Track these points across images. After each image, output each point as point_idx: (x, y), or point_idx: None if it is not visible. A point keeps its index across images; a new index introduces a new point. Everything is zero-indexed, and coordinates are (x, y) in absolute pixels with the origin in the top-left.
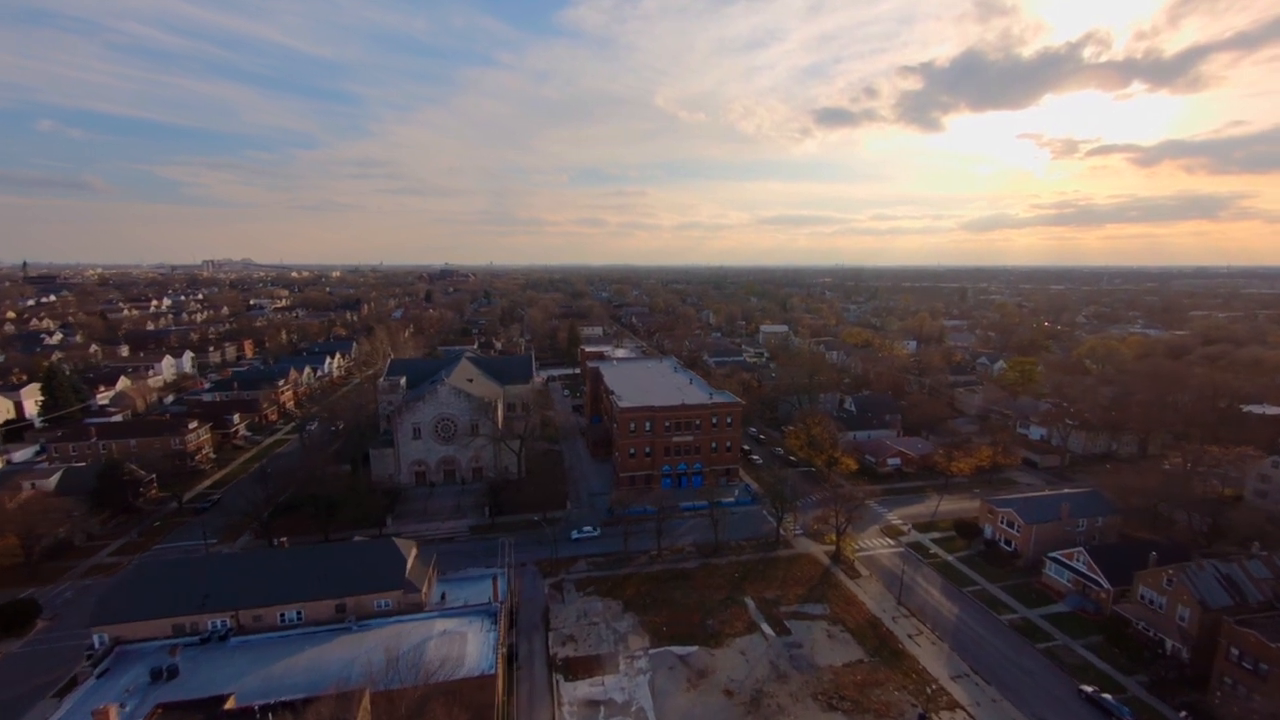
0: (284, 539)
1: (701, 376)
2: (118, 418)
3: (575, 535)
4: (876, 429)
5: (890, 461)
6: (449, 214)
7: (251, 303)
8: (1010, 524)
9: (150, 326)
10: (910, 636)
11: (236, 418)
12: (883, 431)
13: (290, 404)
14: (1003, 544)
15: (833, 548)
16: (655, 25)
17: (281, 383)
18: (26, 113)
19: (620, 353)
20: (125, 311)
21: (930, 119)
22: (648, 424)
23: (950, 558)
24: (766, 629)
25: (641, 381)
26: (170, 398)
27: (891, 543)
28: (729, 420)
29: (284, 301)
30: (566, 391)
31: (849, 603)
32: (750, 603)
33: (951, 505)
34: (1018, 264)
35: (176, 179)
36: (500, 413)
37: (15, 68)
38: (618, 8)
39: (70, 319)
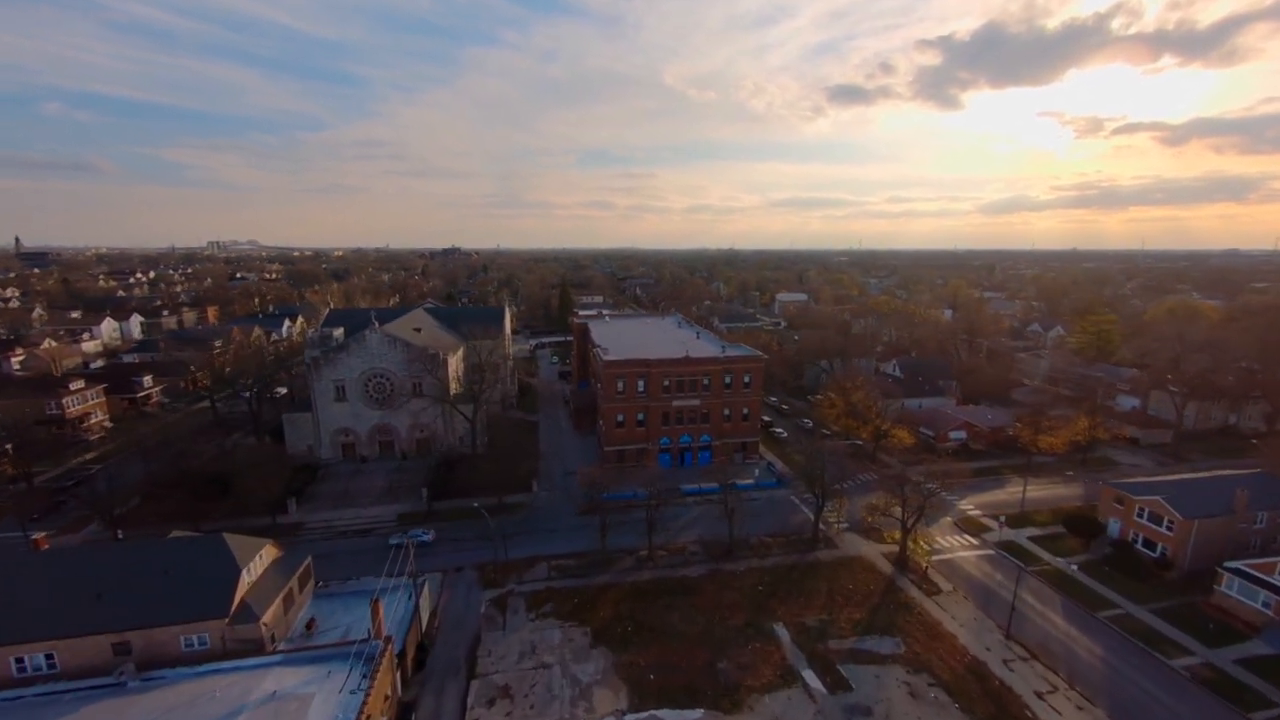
0: (40, 535)
1: None
2: None
3: (394, 541)
4: (929, 397)
5: (953, 435)
6: (456, 197)
7: (237, 275)
8: (1154, 518)
9: (121, 295)
10: (1040, 696)
11: (148, 380)
12: (937, 400)
13: (228, 369)
14: (1141, 546)
15: (895, 548)
16: (663, 2)
17: (219, 344)
18: (31, 96)
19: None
20: (101, 282)
21: (948, 96)
22: (640, 383)
23: (1068, 566)
24: (811, 679)
25: (638, 337)
26: (100, 362)
27: (973, 542)
28: (747, 379)
29: (274, 275)
30: (555, 359)
31: (933, 635)
32: (783, 633)
33: (1041, 491)
34: (1039, 247)
35: (181, 162)
36: (453, 369)
37: (14, 47)
38: None
39: (37, 287)
